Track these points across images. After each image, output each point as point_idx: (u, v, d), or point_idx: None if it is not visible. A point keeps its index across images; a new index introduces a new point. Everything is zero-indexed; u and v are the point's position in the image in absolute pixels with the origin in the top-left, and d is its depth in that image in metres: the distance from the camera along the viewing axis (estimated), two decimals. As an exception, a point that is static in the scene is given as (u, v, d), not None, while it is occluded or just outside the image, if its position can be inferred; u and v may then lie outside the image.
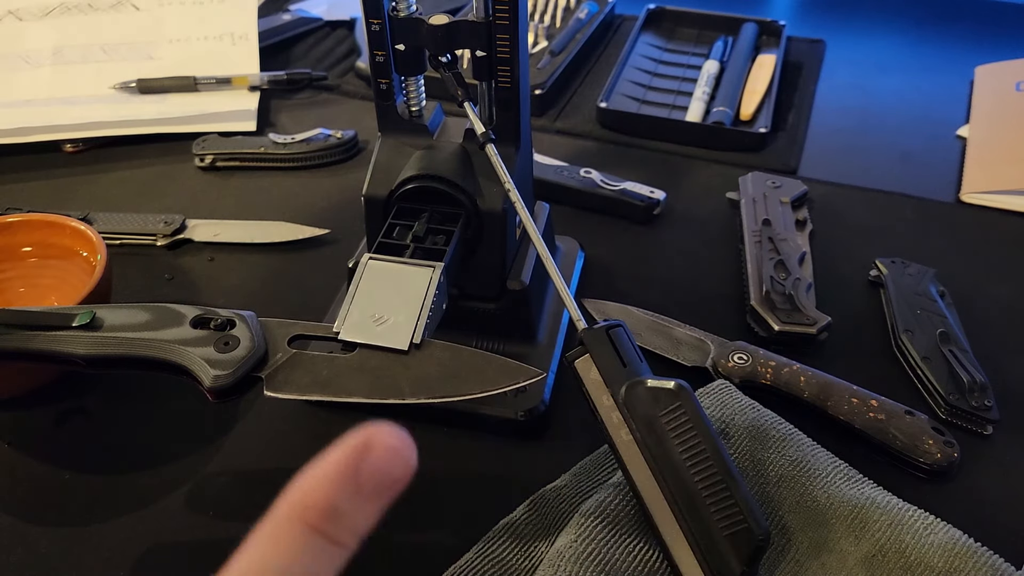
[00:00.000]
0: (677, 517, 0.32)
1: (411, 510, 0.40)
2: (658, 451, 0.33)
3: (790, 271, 0.51)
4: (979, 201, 0.61)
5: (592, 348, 0.35)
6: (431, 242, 0.38)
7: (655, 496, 0.33)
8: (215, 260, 0.55)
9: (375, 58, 0.39)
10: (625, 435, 0.33)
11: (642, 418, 0.33)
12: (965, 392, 0.44)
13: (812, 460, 0.39)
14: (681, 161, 0.66)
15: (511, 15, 0.36)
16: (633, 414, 0.33)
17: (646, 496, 0.33)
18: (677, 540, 0.33)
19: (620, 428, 0.34)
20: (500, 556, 0.36)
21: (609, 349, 0.34)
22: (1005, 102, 0.70)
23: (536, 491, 0.39)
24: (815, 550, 0.36)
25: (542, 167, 0.61)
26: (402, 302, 0.36)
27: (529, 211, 0.46)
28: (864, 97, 0.75)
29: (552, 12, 0.82)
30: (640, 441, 0.33)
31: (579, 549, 0.34)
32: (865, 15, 0.91)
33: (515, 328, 0.45)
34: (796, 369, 0.44)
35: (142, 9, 0.76)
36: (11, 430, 0.44)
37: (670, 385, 0.33)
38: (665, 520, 0.33)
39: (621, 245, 0.57)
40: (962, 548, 0.35)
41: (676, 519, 0.32)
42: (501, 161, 0.38)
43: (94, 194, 0.62)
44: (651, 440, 0.33)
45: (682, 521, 0.32)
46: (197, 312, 0.36)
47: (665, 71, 0.76)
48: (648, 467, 0.33)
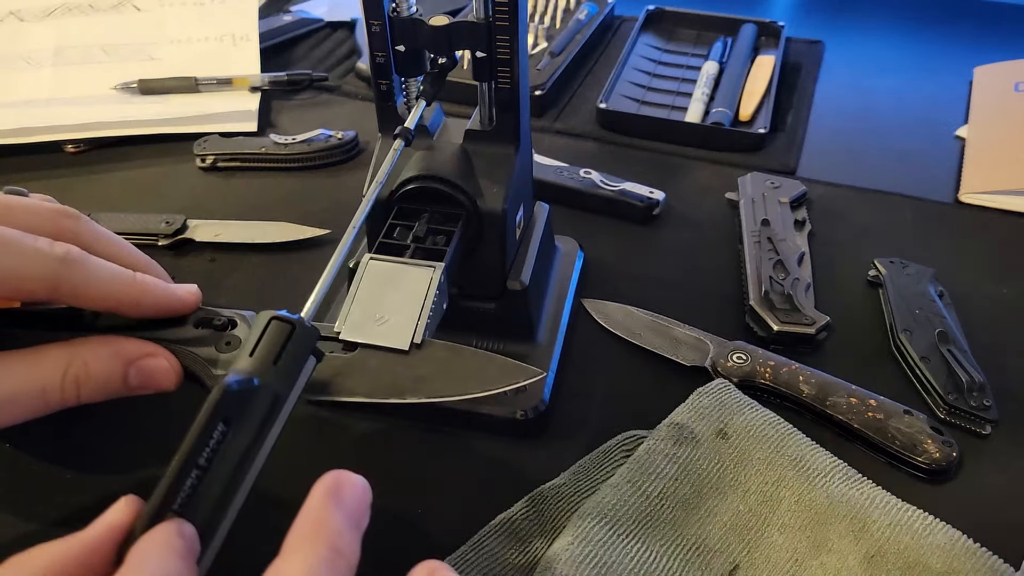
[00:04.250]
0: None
1: (411, 510, 0.40)
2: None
3: (789, 271, 0.51)
4: (978, 201, 0.61)
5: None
6: (431, 242, 0.38)
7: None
8: (216, 260, 0.56)
9: (375, 59, 0.39)
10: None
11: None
12: (964, 392, 0.44)
13: (811, 460, 0.39)
14: (680, 161, 0.66)
15: (511, 16, 0.36)
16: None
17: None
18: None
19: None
20: (494, 551, 0.37)
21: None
22: (1004, 103, 0.71)
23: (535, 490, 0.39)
24: (815, 550, 0.36)
25: (542, 167, 0.61)
26: (402, 302, 0.36)
27: (529, 211, 0.46)
28: (863, 98, 0.75)
29: (552, 13, 0.82)
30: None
31: (576, 551, 0.34)
32: (864, 16, 0.91)
33: (515, 328, 0.45)
34: (795, 369, 0.44)
35: (143, 10, 0.76)
36: (11, 430, 0.44)
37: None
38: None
39: (621, 245, 0.57)
40: (961, 548, 0.35)
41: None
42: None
43: (95, 194, 0.62)
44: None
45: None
46: (199, 312, 0.36)
47: (664, 72, 0.77)
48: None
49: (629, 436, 0.42)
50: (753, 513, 0.38)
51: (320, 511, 0.25)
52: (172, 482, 0.26)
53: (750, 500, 0.38)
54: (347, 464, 0.43)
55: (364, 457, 0.42)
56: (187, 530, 0.25)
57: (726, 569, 0.36)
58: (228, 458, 0.28)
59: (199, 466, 0.27)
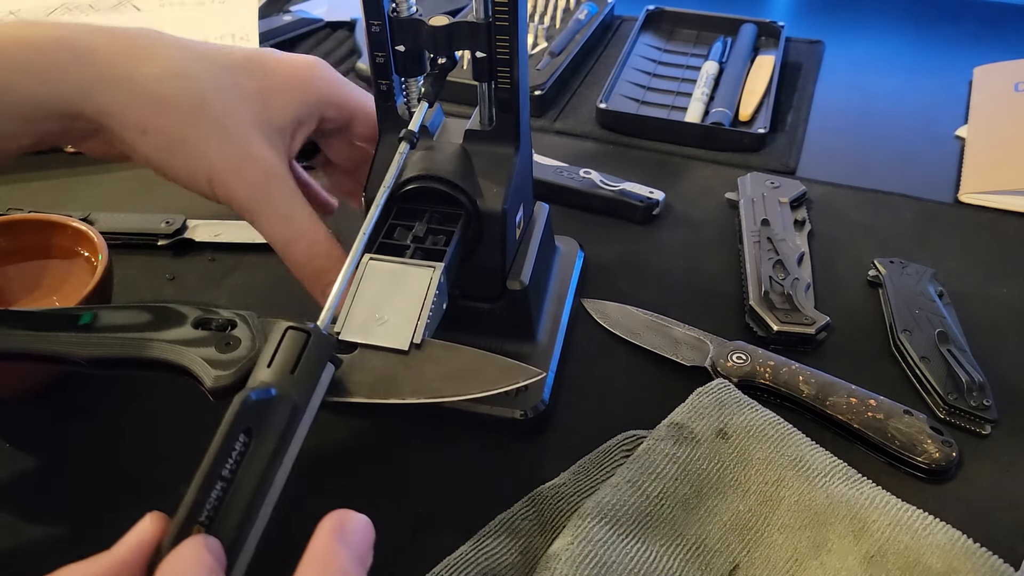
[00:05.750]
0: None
1: (411, 510, 0.40)
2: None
3: (789, 271, 0.51)
4: (978, 201, 0.61)
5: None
6: (431, 242, 0.38)
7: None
8: (216, 260, 0.56)
9: (375, 59, 0.39)
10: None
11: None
12: (964, 392, 0.44)
13: (811, 460, 0.39)
14: (680, 161, 0.66)
15: (511, 16, 0.36)
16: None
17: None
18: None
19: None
20: (495, 550, 0.37)
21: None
22: (1004, 103, 0.71)
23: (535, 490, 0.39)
24: (815, 550, 0.36)
25: (542, 167, 0.61)
26: (402, 302, 0.36)
27: (529, 211, 0.46)
28: (863, 98, 0.75)
29: (552, 13, 0.82)
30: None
31: (575, 551, 0.34)
32: (864, 16, 0.91)
33: (515, 328, 0.45)
34: (795, 369, 0.44)
35: (143, 10, 0.76)
36: (11, 430, 0.44)
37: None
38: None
39: (620, 245, 0.57)
40: (961, 548, 0.35)
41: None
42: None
43: (95, 194, 0.62)
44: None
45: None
46: (198, 313, 0.36)
47: (664, 72, 0.77)
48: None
49: (629, 436, 0.42)
50: (753, 513, 0.38)
51: (326, 550, 0.25)
52: (197, 495, 0.26)
53: (750, 500, 0.38)
54: (346, 464, 0.43)
55: (364, 457, 0.42)
56: (213, 544, 0.25)
57: (726, 569, 0.36)
58: (252, 469, 0.28)
59: (223, 478, 0.27)
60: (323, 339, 0.32)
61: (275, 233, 0.39)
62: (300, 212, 0.39)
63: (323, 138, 0.44)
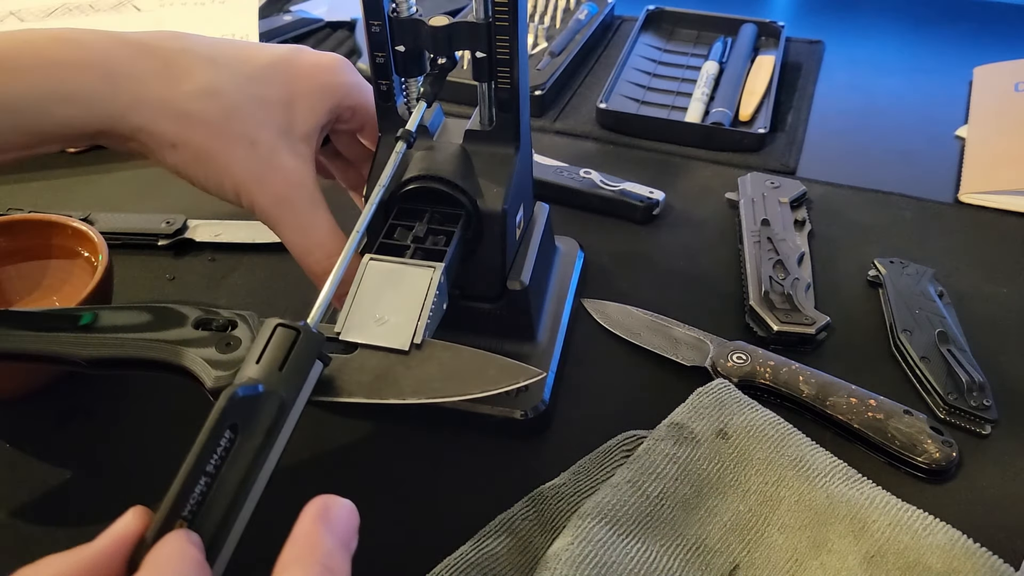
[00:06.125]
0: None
1: (411, 510, 0.40)
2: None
3: (789, 271, 0.51)
4: (978, 201, 0.61)
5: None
6: (431, 242, 0.38)
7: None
8: (216, 260, 0.56)
9: (375, 59, 0.39)
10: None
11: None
12: (964, 392, 0.44)
13: (811, 460, 0.39)
14: (680, 161, 0.66)
15: (511, 16, 0.36)
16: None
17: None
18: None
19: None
20: (495, 551, 0.37)
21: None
22: (1004, 103, 0.71)
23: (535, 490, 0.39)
24: (815, 550, 0.36)
25: (542, 167, 0.61)
26: (402, 302, 0.36)
27: (529, 211, 0.46)
28: (863, 98, 0.75)
29: (552, 13, 0.82)
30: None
31: (576, 552, 0.34)
32: (864, 16, 0.91)
33: (515, 328, 0.45)
34: (795, 369, 0.44)
35: (143, 10, 0.76)
36: (11, 430, 0.44)
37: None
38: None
39: (620, 245, 0.57)
40: (961, 548, 0.35)
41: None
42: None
43: (96, 194, 0.62)
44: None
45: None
46: (199, 313, 0.36)
47: (664, 72, 0.77)
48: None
49: (629, 436, 0.42)
50: (753, 513, 0.38)
51: (311, 533, 0.26)
52: (181, 489, 0.26)
53: (750, 500, 0.38)
54: (347, 464, 0.43)
55: (363, 457, 0.42)
56: (195, 539, 0.26)
57: (726, 569, 0.36)
58: (236, 465, 0.28)
59: (207, 473, 0.27)
60: (312, 337, 0.32)
61: (294, 242, 0.40)
62: (319, 223, 0.40)
63: (334, 132, 0.45)
